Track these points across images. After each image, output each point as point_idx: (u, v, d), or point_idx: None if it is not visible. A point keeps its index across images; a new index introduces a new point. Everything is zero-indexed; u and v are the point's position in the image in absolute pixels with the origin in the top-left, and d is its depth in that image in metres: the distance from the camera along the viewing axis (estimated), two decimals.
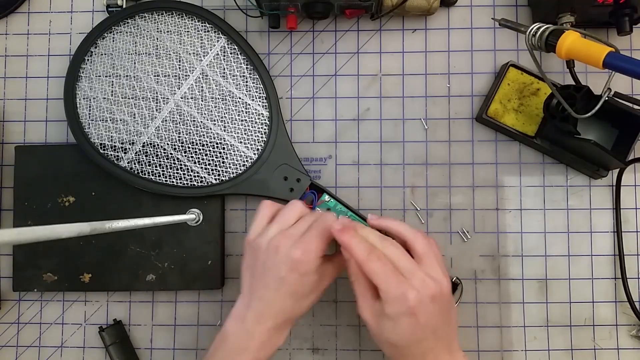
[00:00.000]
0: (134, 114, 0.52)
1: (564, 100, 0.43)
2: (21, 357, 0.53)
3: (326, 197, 0.51)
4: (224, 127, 0.52)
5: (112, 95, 0.53)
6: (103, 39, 0.53)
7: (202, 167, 0.52)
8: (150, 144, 0.52)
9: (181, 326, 0.53)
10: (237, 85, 0.52)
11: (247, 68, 0.53)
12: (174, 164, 0.52)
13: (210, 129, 0.52)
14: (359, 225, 0.43)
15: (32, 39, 0.56)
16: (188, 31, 0.53)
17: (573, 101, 0.45)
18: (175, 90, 0.53)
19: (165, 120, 0.52)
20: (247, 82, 0.53)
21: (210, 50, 0.53)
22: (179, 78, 0.53)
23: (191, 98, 0.52)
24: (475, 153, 0.54)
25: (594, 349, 0.52)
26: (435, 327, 0.40)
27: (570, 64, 0.48)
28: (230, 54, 0.53)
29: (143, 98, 0.53)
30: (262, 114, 0.52)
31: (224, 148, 0.52)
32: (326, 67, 0.55)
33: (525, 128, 0.52)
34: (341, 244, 0.41)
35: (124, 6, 0.54)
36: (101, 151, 0.52)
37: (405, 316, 0.39)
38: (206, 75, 0.52)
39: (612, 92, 0.43)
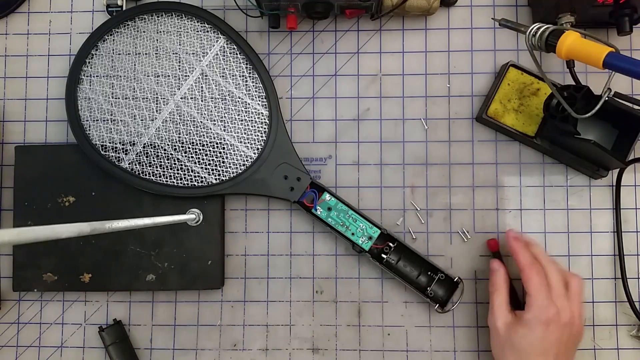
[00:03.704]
0: (135, 115, 0.52)
1: (564, 100, 0.43)
2: (21, 357, 0.53)
3: (327, 196, 0.51)
4: (224, 126, 0.52)
5: (112, 96, 0.53)
6: (104, 41, 0.53)
7: (202, 167, 0.52)
8: (151, 144, 0.52)
9: (181, 326, 0.53)
10: (236, 85, 0.52)
11: (246, 67, 0.53)
12: (175, 164, 0.52)
13: (210, 128, 0.52)
14: (532, 242, 0.49)
15: (32, 39, 0.56)
16: (187, 32, 0.53)
17: (573, 101, 0.45)
18: (175, 91, 0.53)
19: (166, 121, 0.52)
20: (246, 81, 0.53)
21: (210, 50, 0.53)
22: (179, 79, 0.53)
23: (191, 98, 0.52)
24: (475, 153, 0.54)
25: (594, 349, 0.52)
26: (558, 351, 0.45)
27: (570, 64, 0.48)
28: (230, 53, 0.53)
29: (143, 99, 0.53)
30: (261, 113, 0.52)
31: (224, 148, 0.52)
32: (326, 67, 0.55)
33: (525, 128, 0.52)
34: (510, 248, 0.48)
35: (124, 6, 0.54)
36: (102, 152, 0.52)
37: (541, 325, 0.44)
38: (206, 76, 0.53)
39: (612, 92, 0.43)
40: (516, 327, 0.45)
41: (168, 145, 0.52)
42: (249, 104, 0.52)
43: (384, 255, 0.50)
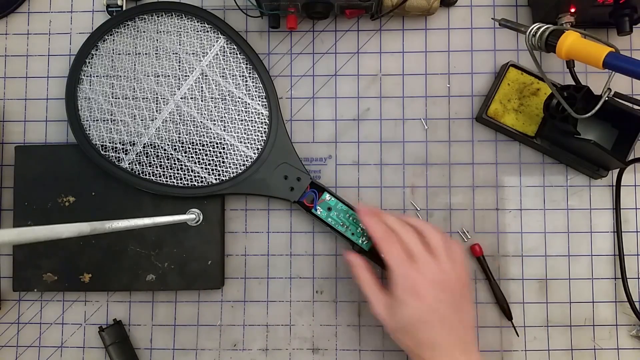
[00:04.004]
0: (135, 115, 0.52)
1: (564, 100, 0.43)
2: (21, 357, 0.53)
3: (327, 196, 0.51)
4: (224, 126, 0.52)
5: (112, 96, 0.53)
6: (103, 41, 0.53)
7: (202, 167, 0.52)
8: (151, 144, 0.52)
9: (181, 326, 0.53)
10: (236, 85, 0.52)
11: (246, 67, 0.53)
12: (175, 164, 0.52)
13: (210, 129, 0.52)
14: (383, 212, 0.47)
15: (32, 39, 0.56)
16: (187, 32, 0.53)
17: (573, 101, 0.45)
18: (175, 91, 0.53)
19: (166, 121, 0.52)
20: (246, 81, 0.53)
21: (210, 50, 0.53)
22: (179, 79, 0.53)
23: (191, 98, 0.52)
24: (475, 153, 0.54)
25: (594, 349, 0.52)
26: (443, 315, 0.42)
27: (570, 64, 0.48)
28: (230, 53, 0.53)
29: (143, 99, 0.53)
30: (261, 113, 0.52)
31: (224, 148, 0.52)
32: (326, 67, 0.55)
33: (525, 128, 0.52)
34: (363, 223, 0.46)
35: (124, 6, 0.54)
36: (102, 152, 0.52)
37: (411, 295, 0.42)
38: (206, 76, 0.53)
39: (612, 92, 0.43)
40: (393, 308, 0.43)
41: (168, 145, 0.52)
42: (249, 104, 0.52)
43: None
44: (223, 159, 0.52)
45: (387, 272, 0.44)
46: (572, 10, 0.48)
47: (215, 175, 0.52)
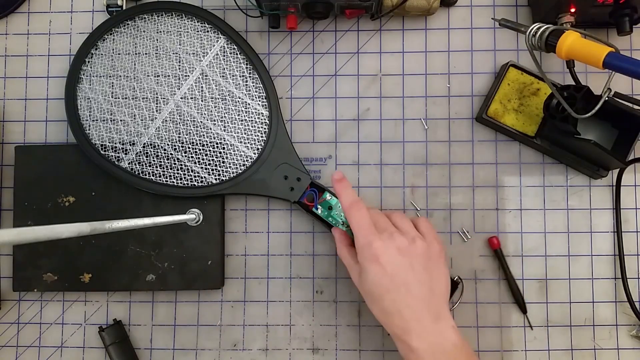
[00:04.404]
0: (135, 115, 0.52)
1: (564, 100, 0.43)
2: (21, 357, 0.53)
3: (327, 196, 0.51)
4: (224, 127, 0.52)
5: (112, 96, 0.53)
6: (103, 40, 0.53)
7: (202, 167, 0.52)
8: (151, 144, 0.52)
9: (181, 326, 0.53)
10: (236, 85, 0.52)
11: (246, 68, 0.53)
12: (174, 164, 0.52)
13: (210, 129, 0.52)
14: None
15: (32, 39, 0.56)
16: (188, 32, 0.53)
17: (573, 101, 0.45)
18: (175, 91, 0.53)
19: (166, 121, 0.52)
20: (246, 81, 0.53)
21: (210, 50, 0.53)
22: (179, 78, 0.53)
23: (191, 98, 0.52)
24: (475, 153, 0.54)
25: (594, 349, 0.52)
26: (406, 281, 0.42)
27: (570, 64, 0.48)
28: (230, 54, 0.53)
29: (143, 99, 0.53)
30: (261, 113, 0.52)
31: (224, 148, 0.52)
32: (326, 67, 0.55)
33: (525, 128, 0.52)
34: (334, 189, 0.47)
35: (124, 6, 0.54)
36: (102, 152, 0.52)
37: (372, 263, 0.42)
38: (206, 76, 0.53)
39: (612, 92, 0.43)
40: (361, 275, 0.44)
41: (168, 145, 0.52)
42: (249, 104, 0.52)
43: None
44: (223, 159, 0.52)
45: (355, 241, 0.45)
46: (572, 10, 0.48)
47: (215, 175, 0.52)
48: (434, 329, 0.41)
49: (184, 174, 0.52)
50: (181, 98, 0.52)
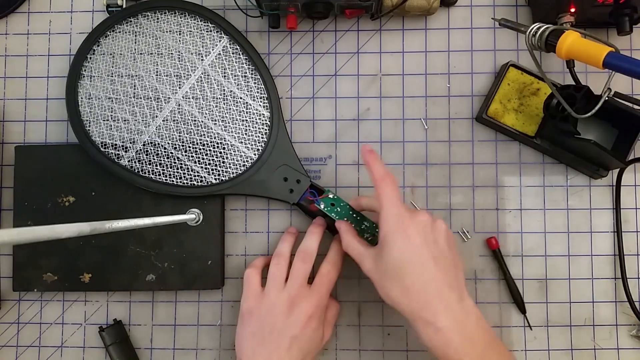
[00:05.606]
0: (135, 113, 0.52)
1: (564, 100, 0.43)
2: (21, 357, 0.53)
3: (329, 194, 0.51)
4: (225, 127, 0.52)
5: (113, 93, 0.53)
6: (105, 37, 0.53)
7: (202, 167, 0.52)
8: (151, 143, 0.52)
9: (181, 326, 0.53)
10: (238, 85, 0.52)
11: (248, 68, 0.53)
12: (174, 163, 0.52)
13: (211, 128, 0.52)
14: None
15: (32, 39, 0.56)
16: (190, 30, 0.53)
17: (573, 101, 0.45)
18: (176, 90, 0.53)
19: (166, 120, 0.52)
20: (248, 82, 0.53)
21: (212, 49, 0.53)
22: (181, 77, 0.53)
23: (192, 97, 0.52)
24: (475, 153, 0.54)
25: (594, 349, 0.52)
26: (433, 255, 0.41)
27: (570, 64, 0.48)
28: (232, 53, 0.53)
29: (144, 97, 0.53)
30: (262, 114, 0.52)
31: (224, 148, 0.52)
32: (326, 67, 0.55)
33: (525, 128, 0.52)
34: (365, 162, 0.44)
35: (124, 6, 0.54)
36: (102, 150, 0.52)
37: (399, 234, 0.41)
38: (208, 75, 0.52)
39: (612, 92, 0.43)
40: (380, 254, 0.42)
41: (168, 143, 0.52)
42: (250, 105, 0.52)
43: None
44: (223, 159, 0.52)
45: (378, 214, 0.43)
46: (572, 10, 0.48)
47: (215, 175, 0.52)
48: (459, 307, 0.41)
49: (184, 174, 0.52)
50: (182, 97, 0.52)
